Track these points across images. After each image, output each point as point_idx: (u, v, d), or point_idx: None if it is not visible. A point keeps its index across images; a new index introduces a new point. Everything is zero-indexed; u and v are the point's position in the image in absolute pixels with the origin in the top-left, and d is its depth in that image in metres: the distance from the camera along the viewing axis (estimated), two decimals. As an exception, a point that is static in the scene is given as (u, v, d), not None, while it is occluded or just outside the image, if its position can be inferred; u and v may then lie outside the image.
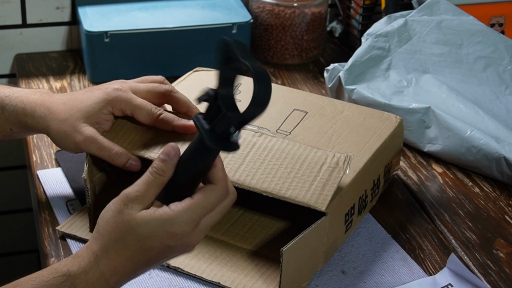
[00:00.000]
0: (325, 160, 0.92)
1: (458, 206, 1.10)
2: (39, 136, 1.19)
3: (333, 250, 0.96)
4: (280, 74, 1.43)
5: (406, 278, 0.95)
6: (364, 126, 1.05)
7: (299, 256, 0.89)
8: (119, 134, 0.97)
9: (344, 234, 0.97)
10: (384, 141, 1.03)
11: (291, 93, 1.13)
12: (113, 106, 0.96)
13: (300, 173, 0.91)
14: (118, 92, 0.96)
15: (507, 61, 1.29)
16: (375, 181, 1.02)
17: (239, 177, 0.91)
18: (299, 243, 0.87)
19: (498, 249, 1.02)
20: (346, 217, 0.96)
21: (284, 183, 0.90)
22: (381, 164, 1.04)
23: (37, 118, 0.97)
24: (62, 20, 1.45)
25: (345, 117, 1.07)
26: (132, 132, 0.97)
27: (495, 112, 1.20)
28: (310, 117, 1.06)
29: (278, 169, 0.92)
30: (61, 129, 0.95)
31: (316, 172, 0.91)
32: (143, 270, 0.79)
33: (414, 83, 1.24)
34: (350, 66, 1.26)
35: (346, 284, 0.94)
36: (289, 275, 0.88)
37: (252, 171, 0.92)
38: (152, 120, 0.96)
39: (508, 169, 1.12)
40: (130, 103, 0.96)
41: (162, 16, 1.38)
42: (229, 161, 0.93)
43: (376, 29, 1.32)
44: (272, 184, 0.90)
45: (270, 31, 1.44)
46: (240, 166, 0.93)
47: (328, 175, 0.91)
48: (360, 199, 0.99)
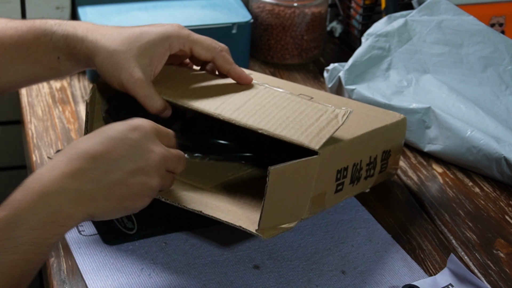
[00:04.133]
0: (325, 111, 0.93)
1: (458, 206, 1.10)
2: (39, 136, 1.19)
3: (321, 205, 0.95)
4: (280, 74, 1.43)
5: (406, 278, 0.95)
6: (367, 114, 1.07)
7: (285, 185, 0.88)
8: (165, 85, 0.97)
9: (333, 194, 0.97)
10: (385, 126, 1.04)
11: (297, 86, 1.15)
12: (171, 42, 0.94)
13: (298, 119, 0.91)
14: (177, 27, 0.95)
15: (507, 61, 1.29)
16: (372, 159, 1.03)
17: (237, 116, 0.91)
18: (287, 169, 0.86)
19: (498, 249, 1.02)
20: (337, 175, 0.96)
21: (281, 125, 0.90)
22: (380, 146, 1.04)
23: (88, 42, 0.93)
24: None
25: (349, 107, 1.07)
26: (178, 84, 0.97)
27: (495, 112, 1.20)
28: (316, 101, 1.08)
29: (276, 114, 0.92)
30: (112, 60, 0.92)
31: (314, 120, 0.91)
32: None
33: (414, 83, 1.24)
34: (350, 66, 1.26)
35: (346, 284, 0.94)
36: (274, 202, 0.87)
37: (251, 113, 0.92)
38: (212, 55, 0.96)
39: (508, 169, 1.12)
40: (189, 37, 0.95)
41: (162, 16, 1.38)
42: (229, 103, 0.93)
43: (376, 29, 1.32)
44: (268, 124, 0.90)
45: (270, 31, 1.44)
46: (240, 107, 0.93)
47: (326, 123, 0.91)
48: (354, 166, 0.99)
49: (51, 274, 0.93)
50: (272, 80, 1.16)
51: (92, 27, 0.96)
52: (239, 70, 0.97)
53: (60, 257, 0.96)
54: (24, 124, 1.26)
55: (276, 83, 1.14)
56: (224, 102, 0.94)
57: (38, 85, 1.34)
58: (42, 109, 1.27)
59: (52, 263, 0.95)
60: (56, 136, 1.20)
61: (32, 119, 1.24)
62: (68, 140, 1.18)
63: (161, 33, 0.94)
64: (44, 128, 1.22)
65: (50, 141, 1.18)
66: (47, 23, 0.97)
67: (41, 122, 1.23)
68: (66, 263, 0.95)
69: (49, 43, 0.96)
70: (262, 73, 1.37)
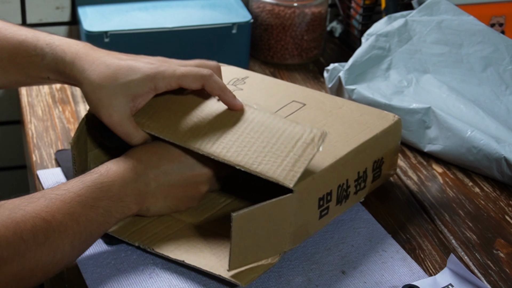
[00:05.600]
0: (302, 135, 0.92)
1: (458, 206, 1.10)
2: (39, 136, 1.19)
3: (304, 234, 0.95)
4: (280, 74, 1.43)
5: (406, 278, 0.95)
6: (358, 121, 1.05)
7: (256, 228, 0.88)
8: (147, 115, 0.97)
9: (318, 220, 0.96)
10: (375, 136, 1.03)
11: (294, 87, 1.14)
12: (157, 83, 0.94)
13: (275, 147, 0.91)
14: (162, 67, 0.94)
15: (507, 61, 1.29)
16: (360, 174, 1.02)
17: (216, 149, 0.91)
18: (254, 213, 0.86)
19: (498, 249, 1.02)
20: (320, 202, 0.95)
21: (258, 157, 0.90)
22: (369, 158, 1.03)
23: (75, 70, 0.94)
24: (62, 20, 1.45)
25: (342, 112, 1.07)
26: (160, 113, 0.97)
27: (495, 112, 1.20)
28: (307, 109, 1.07)
29: (254, 142, 0.92)
30: (94, 94, 0.93)
31: (290, 147, 0.91)
32: None
33: (414, 83, 1.24)
34: (350, 66, 1.26)
35: (346, 284, 0.94)
36: (243, 246, 0.87)
37: (229, 144, 0.92)
38: (202, 83, 0.95)
39: (508, 170, 1.12)
40: (175, 74, 0.94)
41: (162, 16, 1.38)
42: (209, 132, 0.93)
43: (376, 29, 1.32)
44: (246, 157, 0.90)
45: (270, 31, 1.44)
46: (219, 137, 0.93)
47: (302, 151, 0.90)
48: (340, 187, 0.98)
49: (51, 274, 0.93)
50: (267, 80, 1.16)
51: (81, 52, 0.95)
52: (229, 96, 0.96)
53: (60, 257, 0.96)
54: (24, 124, 1.26)
55: (275, 84, 1.14)
56: (205, 133, 0.93)
57: (38, 85, 1.34)
58: (42, 109, 1.27)
59: (52, 263, 0.95)
60: (56, 136, 1.20)
61: (32, 119, 1.24)
62: (68, 140, 1.18)
63: (147, 74, 0.93)
64: (44, 128, 1.22)
65: (50, 141, 1.18)
66: (39, 41, 0.97)
67: (41, 122, 1.23)
68: (66, 263, 0.95)
69: (40, 63, 0.97)
70: (262, 73, 1.37)
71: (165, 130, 0.95)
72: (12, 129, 1.52)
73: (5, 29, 0.99)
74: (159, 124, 0.96)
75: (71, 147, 0.98)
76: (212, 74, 0.95)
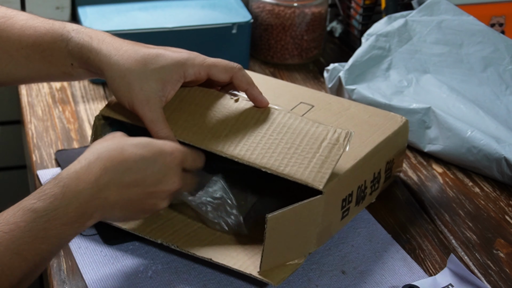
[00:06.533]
0: (326, 135, 0.92)
1: (458, 206, 1.10)
2: (39, 136, 1.19)
3: (327, 235, 0.95)
4: (280, 74, 1.43)
5: (406, 278, 0.95)
6: (368, 123, 1.06)
7: (287, 229, 0.88)
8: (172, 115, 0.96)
9: (340, 221, 0.97)
10: (388, 137, 1.03)
11: (299, 89, 1.14)
12: (186, 69, 0.92)
13: (300, 149, 0.90)
14: (192, 54, 0.93)
15: (507, 61, 1.29)
16: (376, 175, 1.02)
17: (240, 151, 0.91)
18: (287, 215, 0.86)
19: (498, 249, 1.02)
20: (343, 203, 0.95)
21: (284, 159, 0.90)
22: (383, 159, 1.04)
23: (101, 55, 0.92)
24: (62, 20, 1.45)
25: (351, 113, 1.07)
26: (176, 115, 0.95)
27: (495, 112, 1.20)
28: (316, 110, 1.06)
29: (278, 144, 0.91)
30: (124, 79, 0.91)
31: (316, 148, 0.90)
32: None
33: (414, 83, 1.24)
34: (350, 66, 1.26)
35: (346, 284, 0.94)
36: (274, 246, 0.87)
37: (252, 146, 0.91)
38: (230, 75, 0.94)
39: (508, 170, 1.12)
40: (205, 63, 0.93)
41: (162, 16, 1.38)
42: (230, 133, 0.93)
43: (377, 29, 1.32)
44: (271, 159, 0.90)
45: (270, 31, 1.44)
46: (242, 139, 0.92)
47: (328, 152, 0.90)
48: (359, 188, 0.99)
49: (51, 274, 0.93)
50: (272, 81, 1.16)
51: (108, 40, 0.94)
52: (256, 92, 0.95)
53: (60, 257, 0.96)
54: (24, 124, 1.25)
55: (276, 85, 1.14)
56: (226, 135, 0.93)
57: (38, 85, 1.34)
58: (42, 109, 1.27)
59: (52, 263, 0.95)
60: (56, 136, 1.20)
61: (32, 119, 1.24)
62: (68, 140, 1.18)
63: (177, 60, 0.92)
64: (44, 128, 1.22)
65: (50, 141, 1.18)
66: (65, 27, 0.97)
67: (41, 122, 1.23)
68: (66, 263, 0.95)
69: (65, 49, 0.95)
70: (262, 73, 1.37)
71: (184, 133, 0.94)
72: (12, 129, 1.52)
73: (32, 19, 0.99)
74: (177, 127, 0.94)
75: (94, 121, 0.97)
76: (242, 68, 0.95)
